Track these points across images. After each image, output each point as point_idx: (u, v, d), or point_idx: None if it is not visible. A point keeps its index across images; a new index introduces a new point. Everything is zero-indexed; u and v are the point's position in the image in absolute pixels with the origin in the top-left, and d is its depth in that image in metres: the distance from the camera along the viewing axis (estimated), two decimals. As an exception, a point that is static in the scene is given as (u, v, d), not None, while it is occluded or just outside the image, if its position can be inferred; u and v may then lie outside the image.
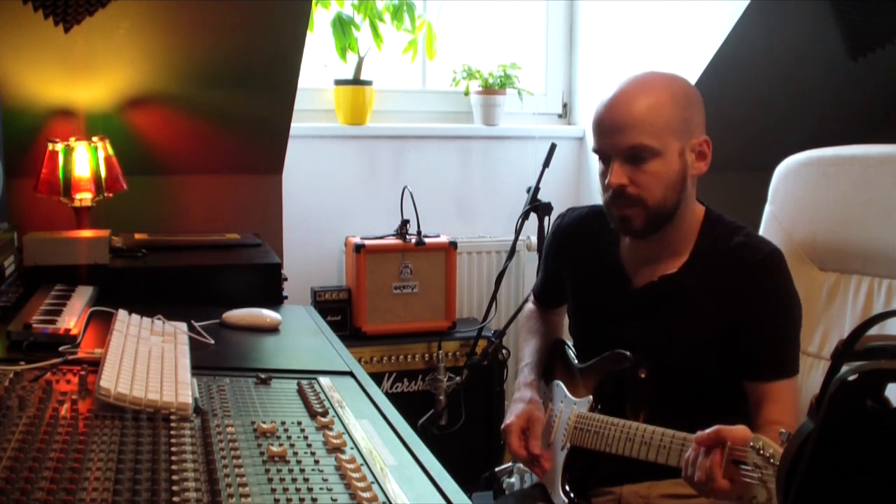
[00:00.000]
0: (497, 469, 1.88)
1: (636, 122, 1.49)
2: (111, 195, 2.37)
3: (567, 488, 1.60)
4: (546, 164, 2.91)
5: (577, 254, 1.76)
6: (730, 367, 1.57)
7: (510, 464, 1.83)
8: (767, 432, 1.34)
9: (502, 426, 1.69)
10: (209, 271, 2.09)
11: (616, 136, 1.51)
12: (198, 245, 2.35)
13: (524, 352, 1.87)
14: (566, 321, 1.90)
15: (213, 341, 1.66)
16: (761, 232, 2.04)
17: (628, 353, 1.59)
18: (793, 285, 1.58)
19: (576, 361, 1.76)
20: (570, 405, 1.66)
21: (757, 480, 1.23)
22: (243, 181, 2.77)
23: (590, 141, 3.46)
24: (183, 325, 1.67)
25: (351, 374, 1.55)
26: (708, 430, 1.34)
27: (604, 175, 1.56)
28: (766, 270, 1.55)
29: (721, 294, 1.55)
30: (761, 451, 1.23)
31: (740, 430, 1.30)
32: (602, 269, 1.70)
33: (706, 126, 1.60)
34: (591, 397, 1.62)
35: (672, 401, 1.57)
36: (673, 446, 1.42)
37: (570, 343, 1.85)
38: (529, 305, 1.99)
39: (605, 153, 1.55)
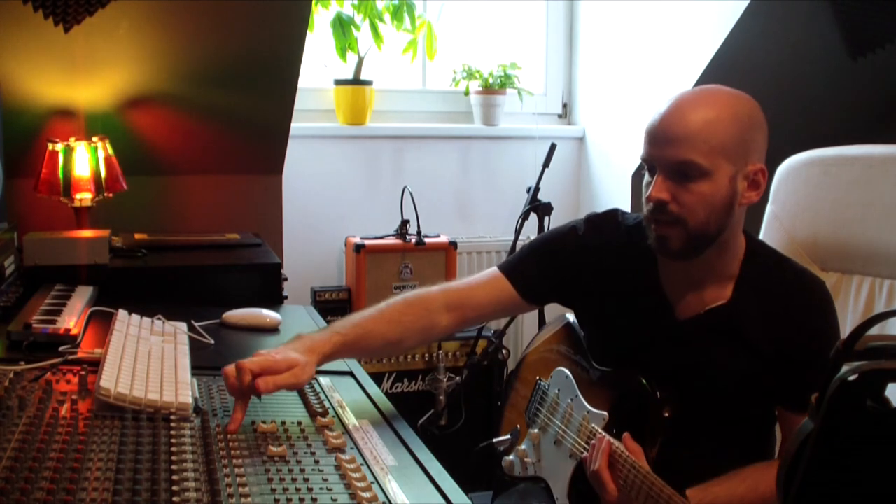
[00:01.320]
0: (495, 440, 1.85)
1: (689, 136, 1.39)
2: (111, 195, 2.37)
3: (573, 497, 1.59)
4: (546, 164, 2.91)
5: (611, 276, 1.62)
6: (764, 400, 1.54)
7: (508, 437, 1.81)
8: None
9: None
10: (209, 271, 2.09)
11: (665, 148, 1.42)
12: (198, 245, 2.35)
13: (353, 317, 1.56)
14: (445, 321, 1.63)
15: (213, 341, 1.66)
16: (762, 231, 2.04)
17: (658, 391, 1.53)
18: (836, 316, 1.55)
19: (592, 361, 1.68)
20: (581, 410, 1.61)
21: None
22: (243, 181, 2.76)
23: (590, 141, 3.47)
24: (183, 325, 1.67)
25: (351, 374, 1.55)
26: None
27: (648, 187, 1.47)
28: (818, 307, 1.52)
29: (772, 329, 1.49)
30: None
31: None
32: (639, 289, 1.59)
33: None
34: (606, 414, 1.57)
35: (692, 436, 1.53)
36: None
37: (579, 330, 1.76)
38: (421, 292, 1.67)
39: (652, 164, 1.46)
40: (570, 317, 1.80)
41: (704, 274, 1.53)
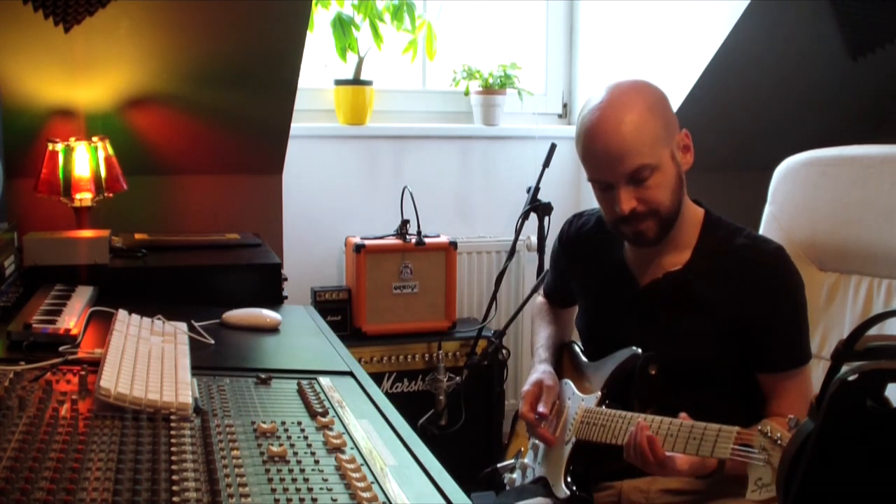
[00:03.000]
0: (500, 465, 1.87)
1: (629, 146, 1.52)
2: (111, 195, 2.37)
3: (570, 481, 1.61)
4: (546, 164, 2.91)
5: (585, 261, 1.81)
6: (738, 362, 1.60)
7: (513, 460, 1.83)
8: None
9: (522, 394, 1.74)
10: (209, 271, 2.09)
11: (616, 166, 1.53)
12: (198, 245, 2.35)
13: (539, 336, 1.92)
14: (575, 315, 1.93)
15: (213, 341, 1.66)
16: (761, 232, 2.04)
17: (639, 350, 1.61)
18: (798, 277, 1.61)
19: (584, 360, 1.78)
20: (578, 401, 1.67)
21: (763, 462, 1.28)
22: (243, 181, 2.77)
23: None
24: (183, 325, 1.67)
25: (351, 374, 1.55)
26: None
27: (605, 201, 1.59)
28: (772, 267, 1.59)
29: (728, 291, 1.58)
30: (769, 434, 1.27)
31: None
32: (609, 271, 1.74)
33: (688, 123, 1.64)
34: (598, 393, 1.64)
35: (680, 397, 1.58)
36: (680, 434, 1.42)
37: (578, 343, 1.87)
38: (540, 298, 2.03)
39: (607, 182, 1.57)
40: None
41: (662, 245, 1.64)
